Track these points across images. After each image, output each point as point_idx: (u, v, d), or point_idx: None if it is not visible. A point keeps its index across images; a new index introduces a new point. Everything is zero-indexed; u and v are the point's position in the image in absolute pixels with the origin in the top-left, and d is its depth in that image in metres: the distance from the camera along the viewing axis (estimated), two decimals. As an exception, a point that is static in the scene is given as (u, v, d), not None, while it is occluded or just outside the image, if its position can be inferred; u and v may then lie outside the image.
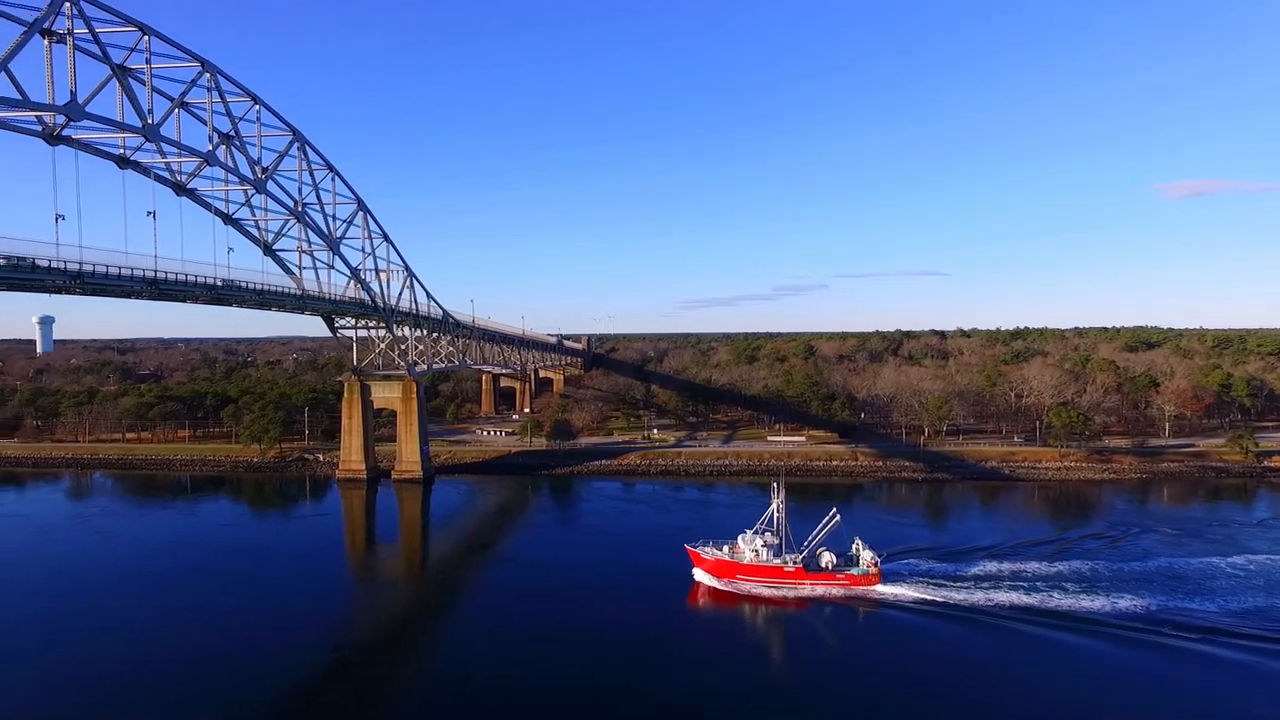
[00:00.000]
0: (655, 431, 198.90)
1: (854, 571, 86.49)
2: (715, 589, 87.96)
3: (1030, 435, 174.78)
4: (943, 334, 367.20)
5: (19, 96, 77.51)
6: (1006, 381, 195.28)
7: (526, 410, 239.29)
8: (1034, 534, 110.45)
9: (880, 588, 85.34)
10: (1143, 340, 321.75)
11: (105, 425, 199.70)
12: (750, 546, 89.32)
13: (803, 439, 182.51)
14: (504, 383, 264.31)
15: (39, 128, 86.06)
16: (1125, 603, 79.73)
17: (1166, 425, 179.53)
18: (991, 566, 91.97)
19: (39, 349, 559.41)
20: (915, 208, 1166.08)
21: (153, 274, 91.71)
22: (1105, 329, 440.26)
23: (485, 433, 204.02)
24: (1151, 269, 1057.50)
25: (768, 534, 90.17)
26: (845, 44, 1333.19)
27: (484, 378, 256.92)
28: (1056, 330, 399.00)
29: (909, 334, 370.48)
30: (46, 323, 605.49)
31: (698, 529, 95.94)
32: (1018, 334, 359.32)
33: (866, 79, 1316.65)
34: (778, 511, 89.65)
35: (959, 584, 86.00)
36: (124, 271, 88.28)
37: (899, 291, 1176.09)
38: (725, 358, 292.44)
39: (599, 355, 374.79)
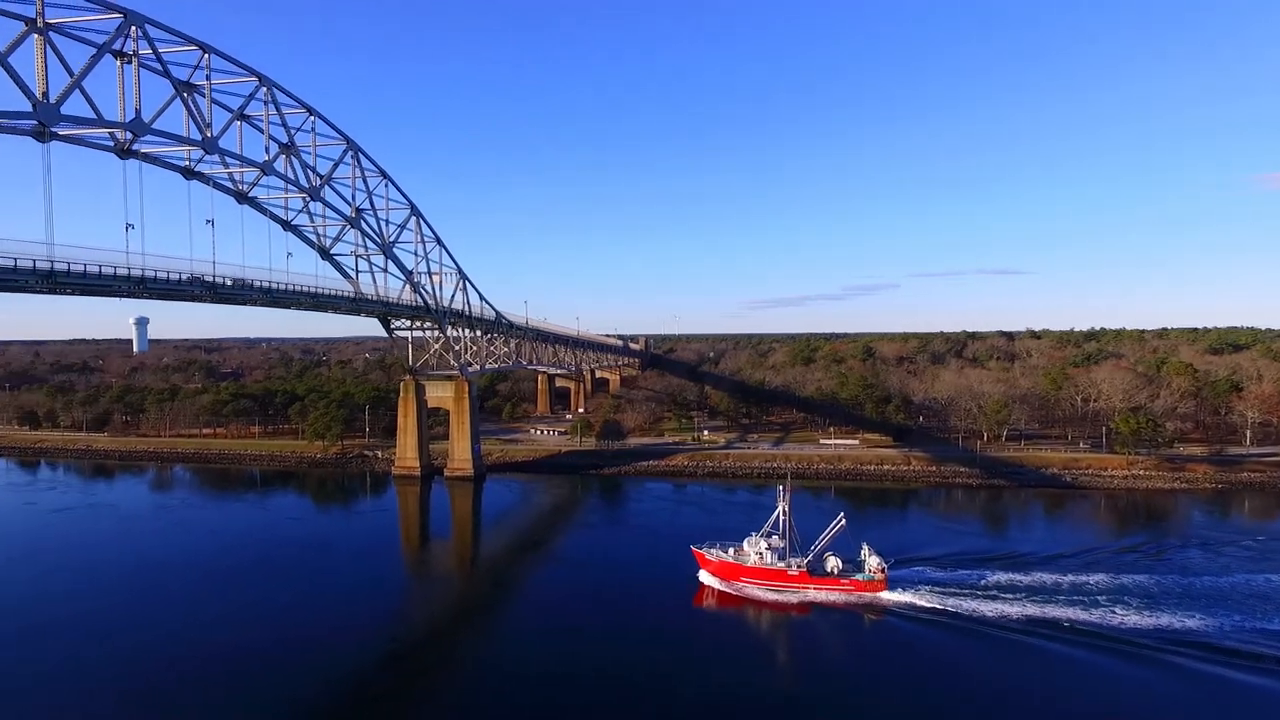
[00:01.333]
0: (706, 433, 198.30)
1: (859, 577, 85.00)
2: (722, 591, 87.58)
3: (1097, 442, 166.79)
4: (1010, 335, 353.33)
5: (94, 115, 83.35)
6: (1073, 385, 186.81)
7: (580, 410, 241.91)
8: (1076, 543, 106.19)
9: (886, 594, 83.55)
10: (1230, 342, 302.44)
11: (184, 421, 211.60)
12: (754, 549, 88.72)
13: (856, 442, 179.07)
14: (559, 383, 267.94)
15: (112, 144, 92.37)
16: (1170, 620, 75.61)
17: (1249, 432, 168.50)
18: (1013, 577, 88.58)
19: (135, 348, 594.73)
20: (995, 204, 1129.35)
21: (210, 279, 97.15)
22: (1191, 330, 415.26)
23: (538, 432, 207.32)
24: (1246, 266, 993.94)
25: (774, 537, 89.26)
26: (926, 36, 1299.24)
27: (540, 378, 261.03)
28: (1135, 331, 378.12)
29: (974, 335, 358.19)
30: (142, 323, 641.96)
31: (742, 531, 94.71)
32: (1091, 335, 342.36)
33: (950, 72, 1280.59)
34: (783, 514, 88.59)
35: (973, 593, 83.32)
36: (184, 277, 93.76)
37: (973, 291, 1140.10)
38: (782, 359, 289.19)
39: (656, 356, 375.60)
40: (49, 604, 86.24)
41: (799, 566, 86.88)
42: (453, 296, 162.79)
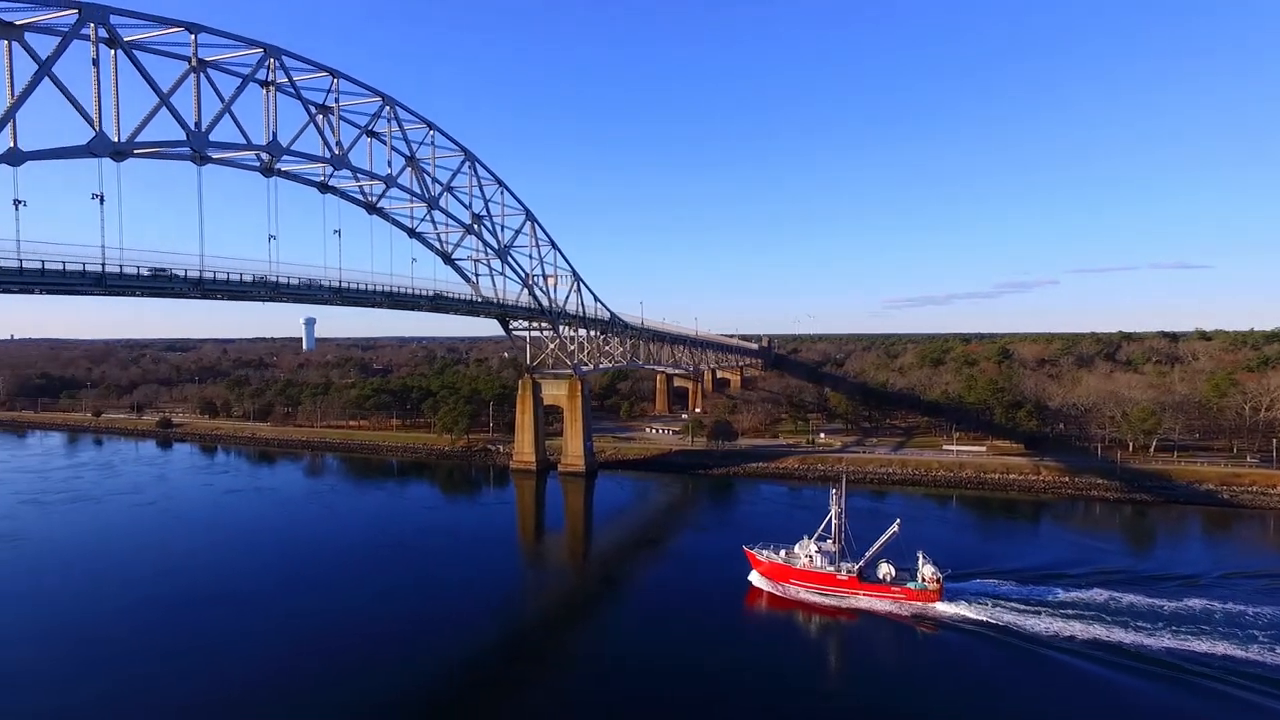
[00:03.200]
0: (823, 435, 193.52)
1: (911, 586, 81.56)
2: (772, 594, 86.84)
3: (1268, 455, 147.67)
4: (1174, 336, 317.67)
5: (243, 140, 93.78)
6: (1241, 392, 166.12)
7: (697, 410, 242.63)
8: (1197, 565, 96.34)
9: (940, 606, 79.62)
10: None
11: (334, 413, 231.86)
12: (805, 552, 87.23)
13: (983, 449, 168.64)
14: (678, 382, 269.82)
15: (258, 164, 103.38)
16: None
17: None
18: (1089, 594, 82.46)
19: (304, 346, 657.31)
20: (1172, 192, 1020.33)
21: (336, 284, 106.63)
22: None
23: (653, 431, 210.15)
24: None
25: (828, 540, 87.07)
26: (1095, 23, 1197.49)
27: (658, 377, 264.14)
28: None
29: (1130, 336, 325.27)
30: (310, 323, 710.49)
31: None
32: (1275, 336, 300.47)
33: (1121, 59, 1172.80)
34: (836, 517, 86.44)
35: (1039, 611, 77.92)
36: (312, 283, 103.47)
37: (1143, 287, 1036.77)
38: (910, 360, 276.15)
39: (780, 356, 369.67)
40: (219, 575, 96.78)
41: (849, 572, 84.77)
42: (567, 298, 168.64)
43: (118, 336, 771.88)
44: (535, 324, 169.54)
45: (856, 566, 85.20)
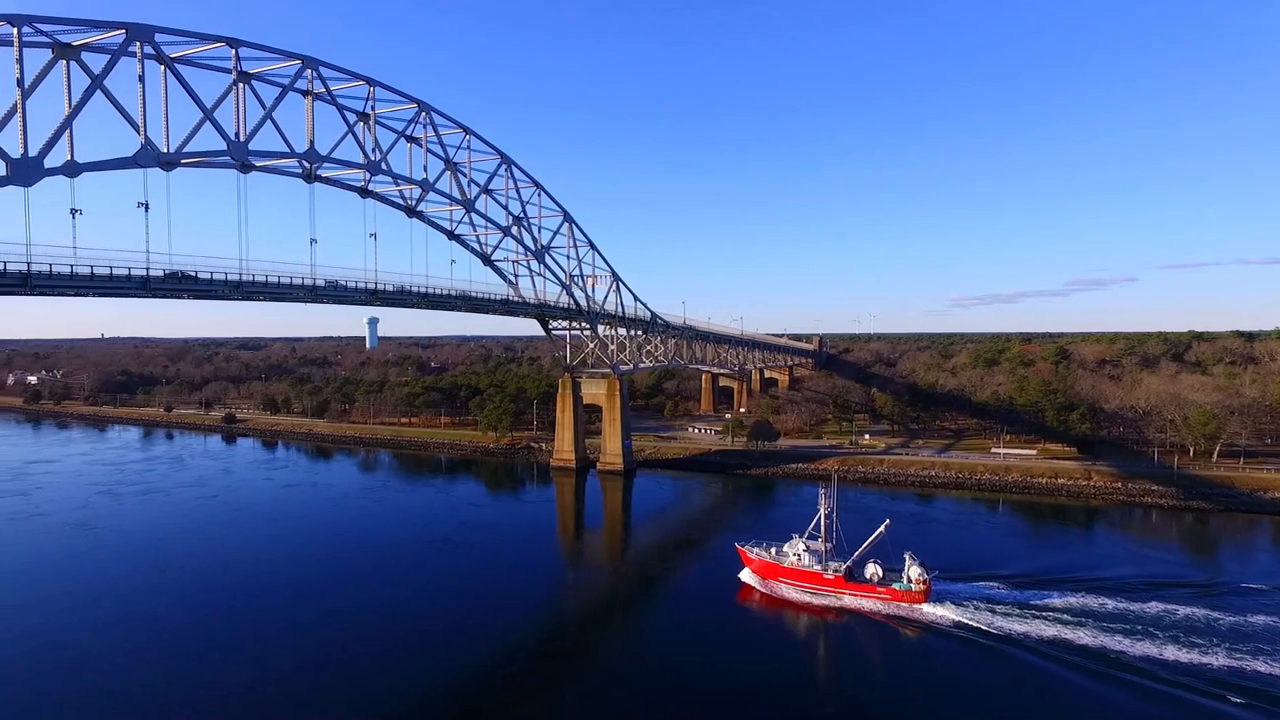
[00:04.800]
0: (867, 437, 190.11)
1: (897, 587, 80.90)
2: (763, 591, 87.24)
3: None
4: (1250, 336, 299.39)
5: (286, 148, 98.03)
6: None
7: (742, 410, 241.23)
8: (1216, 574, 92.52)
9: (926, 607, 78.84)
10: None
11: (387, 410, 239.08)
12: (794, 550, 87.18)
13: (1033, 452, 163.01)
14: (723, 382, 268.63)
15: (301, 171, 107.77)
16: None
17: None
18: (1084, 601, 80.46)
19: (367, 345, 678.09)
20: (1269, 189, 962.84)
21: (373, 286, 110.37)
22: None
23: (696, 430, 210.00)
24: None
25: (818, 540, 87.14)
26: (1184, 13, 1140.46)
27: (704, 377, 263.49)
28: None
29: (1202, 335, 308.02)
30: (372, 323, 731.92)
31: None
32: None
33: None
34: (825, 517, 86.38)
35: (1031, 616, 76.11)
36: (354, 285, 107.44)
37: (1228, 285, 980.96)
38: (964, 361, 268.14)
39: (831, 355, 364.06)
40: (274, 567, 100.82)
41: (836, 571, 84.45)
42: (605, 298, 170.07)
43: (195, 335, 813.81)
44: (574, 324, 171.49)
45: (844, 566, 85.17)
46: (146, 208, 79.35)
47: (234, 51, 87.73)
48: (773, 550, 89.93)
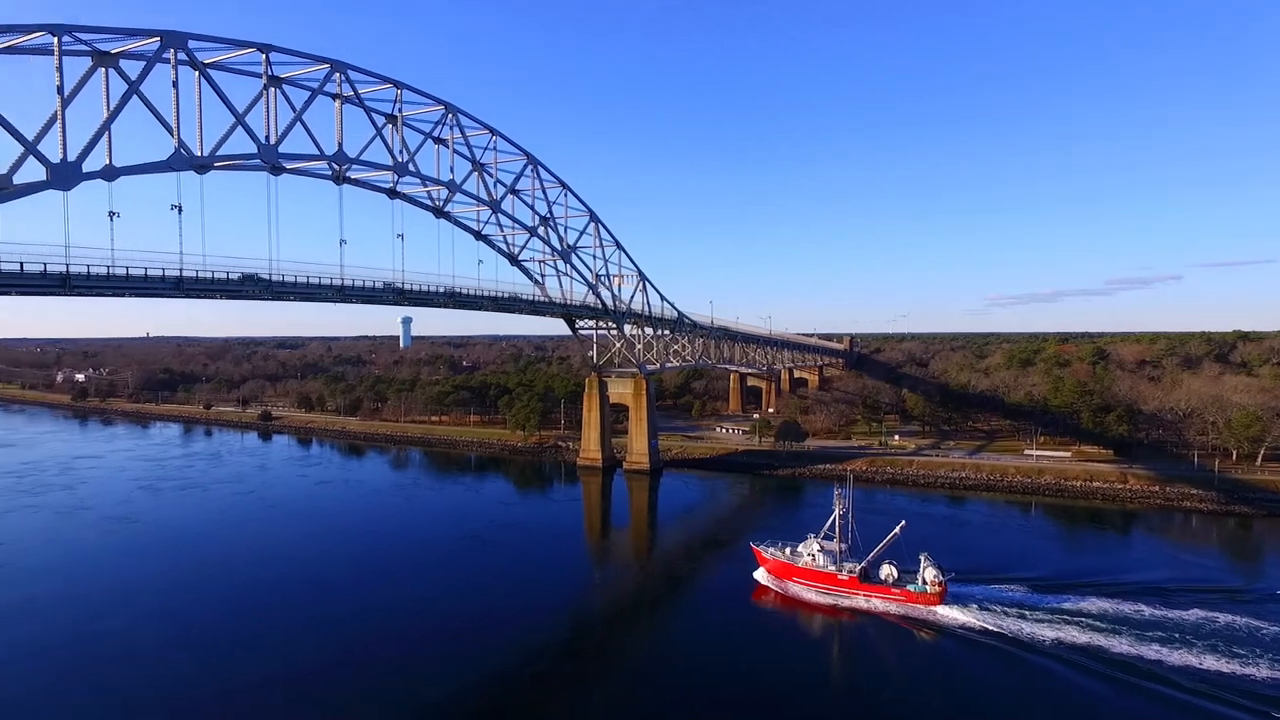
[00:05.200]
0: (896, 438, 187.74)
1: (911, 588, 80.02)
2: (779, 591, 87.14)
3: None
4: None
5: (316, 151, 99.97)
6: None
7: (770, 410, 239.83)
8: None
9: (941, 609, 77.68)
10: None
11: (417, 408, 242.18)
12: (808, 550, 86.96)
13: (1067, 455, 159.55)
14: (751, 382, 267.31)
15: (330, 173, 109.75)
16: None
17: None
18: (1121, 606, 78.17)
19: (401, 344, 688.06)
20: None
21: (400, 286, 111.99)
22: None
23: (723, 430, 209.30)
24: None
25: (833, 540, 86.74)
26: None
27: (732, 377, 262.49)
28: None
29: (1248, 335, 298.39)
30: (406, 322, 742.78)
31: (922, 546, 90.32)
32: None
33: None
34: (840, 517, 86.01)
35: (1061, 620, 74.51)
36: (377, 284, 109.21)
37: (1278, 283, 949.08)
38: (998, 361, 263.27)
39: (862, 355, 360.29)
40: (306, 563, 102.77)
41: (850, 572, 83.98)
42: (632, 297, 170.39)
43: (235, 335, 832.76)
44: (600, 324, 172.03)
45: (858, 566, 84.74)
46: (180, 210, 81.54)
47: (264, 56, 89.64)
48: (788, 550, 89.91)
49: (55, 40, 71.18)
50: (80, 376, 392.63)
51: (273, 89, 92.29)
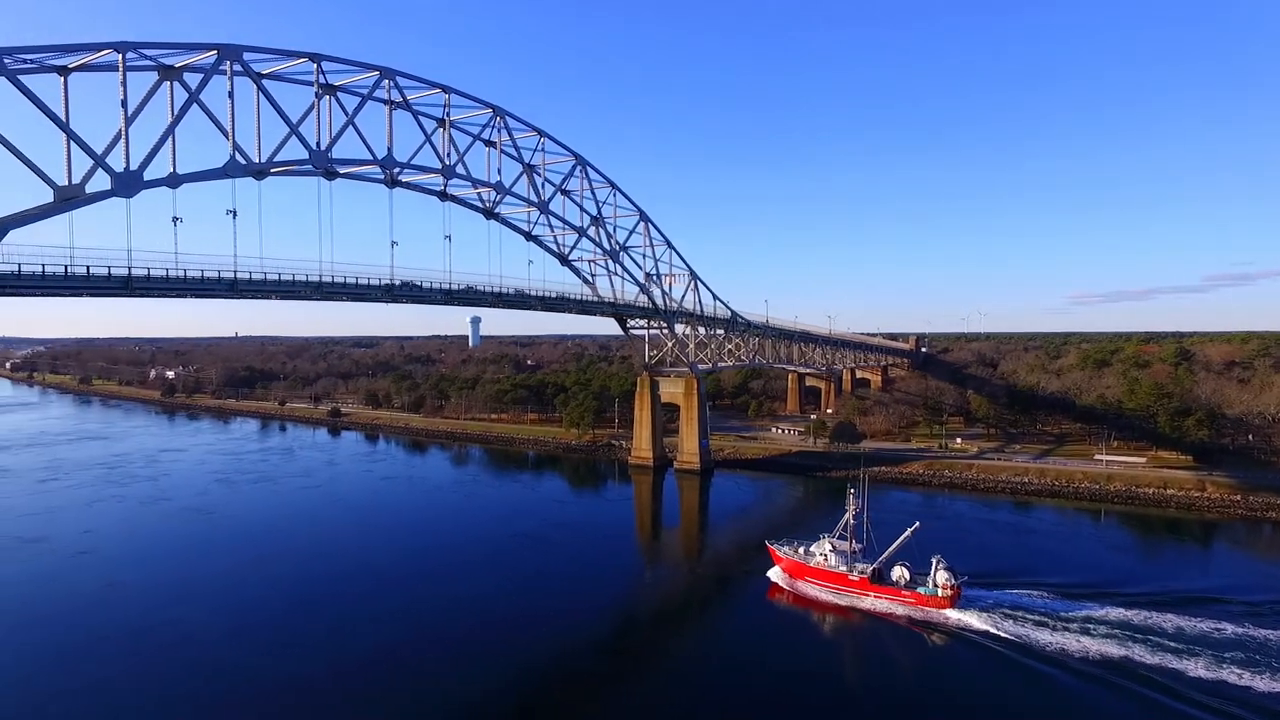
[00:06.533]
0: (959, 440, 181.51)
1: (922, 591, 78.58)
2: (791, 590, 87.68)
3: None
4: None
5: (368, 155, 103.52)
6: None
7: (829, 410, 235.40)
8: None
9: (950, 613, 76.12)
10: None
11: (478, 406, 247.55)
12: (820, 550, 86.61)
13: (1142, 460, 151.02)
14: (810, 382, 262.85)
15: (383, 177, 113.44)
16: None
17: None
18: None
19: (470, 343, 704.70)
20: None
21: (448, 286, 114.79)
22: None
23: (779, 430, 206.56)
24: None
25: (846, 540, 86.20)
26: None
27: (790, 376, 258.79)
28: None
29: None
30: (475, 322, 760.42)
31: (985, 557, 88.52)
32: None
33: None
34: (854, 517, 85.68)
35: (1064, 628, 71.79)
36: (431, 284, 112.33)
37: None
38: (1072, 361, 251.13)
39: (929, 356, 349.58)
40: (364, 558, 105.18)
41: (861, 572, 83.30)
42: (683, 297, 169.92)
43: (316, 335, 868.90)
44: (652, 323, 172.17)
45: (870, 567, 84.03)
46: (234, 215, 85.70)
47: (316, 65, 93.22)
48: (801, 550, 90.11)
49: (120, 57, 75.79)
50: (170, 374, 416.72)
51: (325, 97, 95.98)
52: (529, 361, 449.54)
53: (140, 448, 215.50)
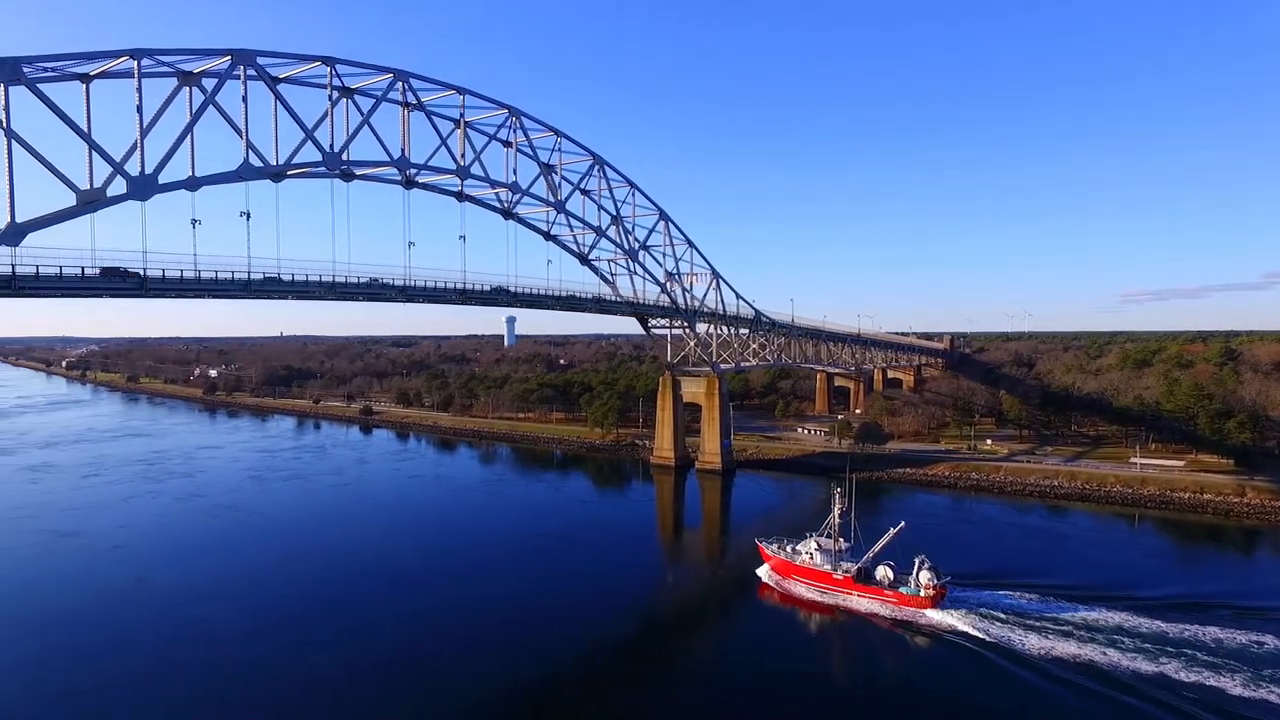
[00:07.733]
0: (989, 442, 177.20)
1: (904, 590, 78.51)
2: (779, 589, 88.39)
3: None
4: None
5: (385, 157, 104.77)
6: None
7: (857, 411, 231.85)
8: None
9: (931, 613, 75.85)
10: None
11: (505, 405, 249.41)
12: (806, 549, 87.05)
13: (1180, 464, 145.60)
14: (839, 381, 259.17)
15: (400, 178, 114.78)
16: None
17: None
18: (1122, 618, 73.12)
19: (505, 342, 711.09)
20: None
21: (463, 286, 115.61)
22: None
23: (804, 431, 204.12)
24: None
25: (832, 539, 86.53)
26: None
27: (819, 376, 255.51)
28: None
29: None
30: (510, 322, 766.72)
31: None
32: None
33: None
34: (840, 516, 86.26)
35: (1054, 629, 71.01)
36: (444, 285, 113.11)
37: None
38: (1111, 361, 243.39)
39: (964, 356, 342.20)
40: (387, 557, 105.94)
41: (846, 572, 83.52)
42: (705, 296, 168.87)
43: (357, 334, 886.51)
44: (673, 322, 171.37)
45: (854, 567, 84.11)
46: (248, 216, 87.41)
47: (330, 69, 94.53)
48: (789, 548, 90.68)
49: (136, 64, 77.73)
50: (213, 373, 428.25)
51: (340, 100, 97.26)
52: (561, 361, 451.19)
53: (179, 444, 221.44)
